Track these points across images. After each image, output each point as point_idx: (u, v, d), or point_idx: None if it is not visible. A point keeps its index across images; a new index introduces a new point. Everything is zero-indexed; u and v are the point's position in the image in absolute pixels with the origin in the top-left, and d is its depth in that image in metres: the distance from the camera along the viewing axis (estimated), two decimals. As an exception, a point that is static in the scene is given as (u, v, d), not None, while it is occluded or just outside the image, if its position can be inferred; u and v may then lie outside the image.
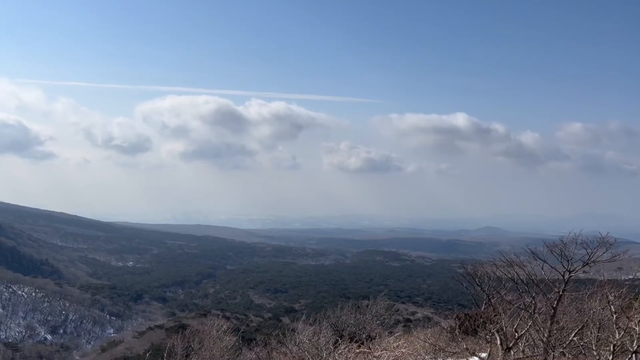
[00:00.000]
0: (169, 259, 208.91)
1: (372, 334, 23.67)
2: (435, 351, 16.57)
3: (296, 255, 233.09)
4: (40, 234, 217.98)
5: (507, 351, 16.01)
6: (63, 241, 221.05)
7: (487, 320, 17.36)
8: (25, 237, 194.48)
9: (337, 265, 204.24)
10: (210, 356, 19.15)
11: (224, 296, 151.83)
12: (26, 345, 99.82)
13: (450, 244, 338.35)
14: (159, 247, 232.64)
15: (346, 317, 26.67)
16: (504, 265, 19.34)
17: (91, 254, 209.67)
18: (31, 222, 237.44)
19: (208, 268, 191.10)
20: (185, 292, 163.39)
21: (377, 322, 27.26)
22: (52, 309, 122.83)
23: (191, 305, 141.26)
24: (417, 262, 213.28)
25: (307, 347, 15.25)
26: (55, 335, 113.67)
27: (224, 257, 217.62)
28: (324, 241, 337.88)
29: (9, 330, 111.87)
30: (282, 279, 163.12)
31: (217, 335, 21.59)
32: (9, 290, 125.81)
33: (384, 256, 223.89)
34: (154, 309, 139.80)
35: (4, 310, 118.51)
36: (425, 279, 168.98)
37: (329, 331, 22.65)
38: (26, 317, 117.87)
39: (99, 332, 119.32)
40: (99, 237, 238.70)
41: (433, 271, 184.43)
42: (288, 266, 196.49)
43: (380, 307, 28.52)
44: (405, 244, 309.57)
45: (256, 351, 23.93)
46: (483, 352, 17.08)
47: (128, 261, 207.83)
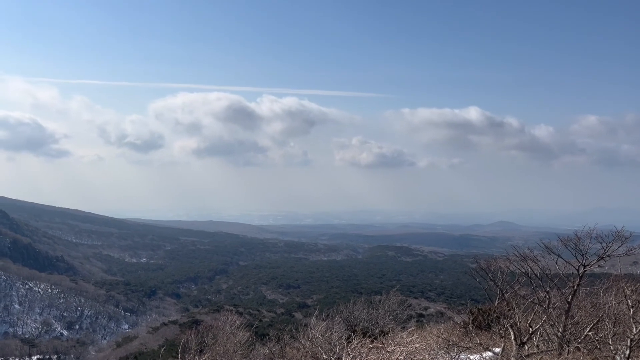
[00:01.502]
0: (182, 255, 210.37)
1: (384, 329, 23.65)
2: (449, 346, 16.52)
3: (308, 250, 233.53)
4: (55, 231, 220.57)
5: (521, 346, 15.91)
6: (78, 238, 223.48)
7: (500, 315, 17.25)
8: (40, 234, 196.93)
9: (349, 261, 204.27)
10: (224, 351, 19.25)
11: (236, 292, 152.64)
12: (43, 341, 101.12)
13: (463, 239, 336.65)
14: (172, 244, 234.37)
15: (359, 313, 26.69)
16: (518, 259, 19.20)
17: (105, 250, 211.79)
18: (47, 219, 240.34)
19: (221, 264, 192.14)
20: (199, 288, 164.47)
21: (390, 317, 27.25)
22: (67, 305, 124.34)
23: (204, 301, 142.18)
24: (430, 257, 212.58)
25: (320, 343, 15.28)
26: (71, 331, 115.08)
27: (236, 253, 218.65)
28: (335, 237, 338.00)
29: (26, 326, 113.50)
30: (295, 275, 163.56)
31: (230, 331, 21.70)
32: (26, 286, 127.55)
33: (396, 251, 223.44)
34: (167, 304, 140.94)
35: (21, 307, 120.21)
36: (437, 274, 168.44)
37: (342, 326, 22.69)
38: (42, 313, 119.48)
39: (114, 328, 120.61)
40: (112, 233, 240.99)
41: (446, 266, 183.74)
42: (300, 262, 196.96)
43: (392, 302, 28.50)
44: (417, 239, 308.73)
45: (269, 346, 24.01)
46: (497, 347, 16.99)
47: (142, 257, 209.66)
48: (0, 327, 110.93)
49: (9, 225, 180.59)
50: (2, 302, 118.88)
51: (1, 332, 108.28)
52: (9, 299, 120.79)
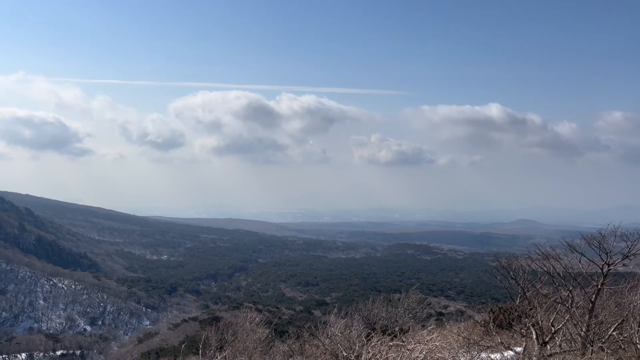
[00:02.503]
0: (202, 253, 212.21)
1: (404, 327, 23.55)
2: (469, 345, 16.37)
3: (327, 248, 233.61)
4: (78, 228, 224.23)
5: (543, 345, 15.70)
6: (100, 235, 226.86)
7: (522, 314, 17.05)
8: (64, 232, 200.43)
9: (367, 259, 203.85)
10: (243, 348, 19.38)
11: (256, 289, 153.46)
12: (66, 336, 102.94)
13: (483, 237, 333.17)
14: (192, 241, 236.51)
15: (378, 310, 26.58)
16: (540, 258, 18.95)
17: (127, 247, 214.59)
18: (70, 216, 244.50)
19: (240, 261, 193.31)
20: (218, 285, 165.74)
21: (409, 315, 27.10)
22: (90, 301, 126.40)
23: (224, 298, 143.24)
24: (449, 255, 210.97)
25: (340, 340, 15.28)
26: (94, 326, 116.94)
27: (255, 250, 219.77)
28: (354, 234, 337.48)
29: (50, 322, 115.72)
30: (313, 272, 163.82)
31: (250, 328, 21.83)
32: (50, 282, 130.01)
33: (415, 249, 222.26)
34: (188, 301, 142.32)
35: (45, 302, 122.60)
36: (457, 273, 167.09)
37: (361, 324, 22.66)
38: (66, 309, 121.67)
39: (135, 324, 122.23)
40: (134, 231, 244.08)
41: (465, 264, 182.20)
42: (319, 259, 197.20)
43: (412, 300, 28.32)
44: (437, 238, 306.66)
45: (289, 344, 24.12)
46: (518, 346, 16.79)
47: (162, 255, 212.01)
48: (26, 322, 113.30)
49: (33, 222, 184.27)
50: (27, 298, 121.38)
51: (26, 327, 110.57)
52: (34, 295, 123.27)
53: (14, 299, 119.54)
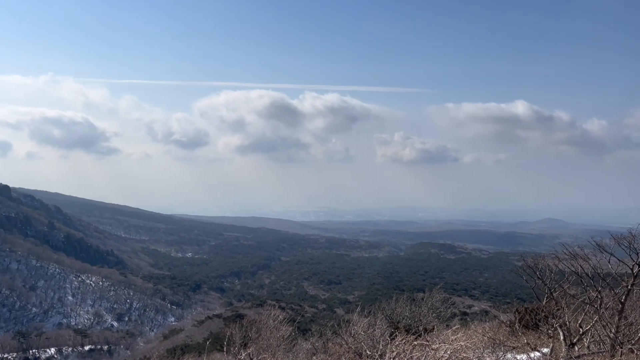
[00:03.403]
0: (226, 250, 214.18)
1: (428, 326, 23.38)
2: (494, 345, 16.17)
3: (349, 247, 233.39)
4: (105, 226, 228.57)
5: (571, 347, 15.42)
6: (126, 233, 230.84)
7: (549, 314, 16.76)
8: (92, 229, 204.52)
9: (391, 258, 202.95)
10: (267, 345, 19.51)
11: (279, 287, 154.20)
12: (94, 332, 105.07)
13: (509, 236, 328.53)
14: (216, 239, 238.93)
15: (401, 310, 26.43)
16: (567, 258, 18.60)
17: (152, 245, 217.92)
18: (97, 214, 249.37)
19: (263, 259, 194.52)
20: (242, 282, 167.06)
21: (433, 314, 26.88)
22: (117, 297, 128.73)
23: (247, 296, 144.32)
24: (474, 254, 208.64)
25: (363, 339, 15.25)
26: (121, 322, 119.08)
27: (278, 248, 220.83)
28: (377, 233, 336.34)
29: (79, 317, 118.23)
30: (336, 271, 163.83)
31: (273, 325, 21.95)
32: (78, 279, 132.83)
33: (439, 249, 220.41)
34: (212, 298, 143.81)
35: (74, 298, 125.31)
36: (482, 272, 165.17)
37: (384, 323, 22.56)
38: (94, 305, 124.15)
39: (160, 320, 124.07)
40: (159, 229, 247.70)
41: (490, 264, 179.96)
42: (341, 258, 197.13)
43: (436, 299, 28.07)
44: (461, 237, 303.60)
45: (312, 341, 24.18)
46: (545, 347, 16.52)
47: (187, 252, 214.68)
48: (55, 317, 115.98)
49: (62, 220, 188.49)
50: (56, 294, 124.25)
51: (56, 322, 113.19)
52: (63, 291, 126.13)
53: (44, 294, 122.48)
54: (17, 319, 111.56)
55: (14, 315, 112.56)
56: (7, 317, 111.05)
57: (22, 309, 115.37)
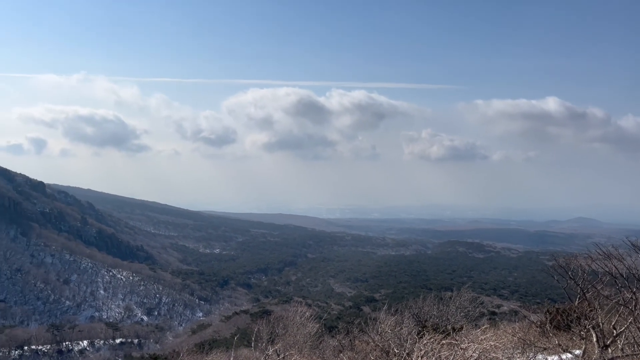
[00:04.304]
0: (253, 247, 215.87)
1: (455, 326, 23.14)
2: (525, 346, 15.90)
3: (376, 245, 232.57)
4: (135, 222, 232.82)
5: (604, 349, 15.05)
6: (156, 229, 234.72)
7: (581, 315, 16.39)
8: (122, 225, 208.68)
9: (417, 256, 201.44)
10: (294, 342, 19.62)
11: (305, 284, 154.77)
12: (125, 325, 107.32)
13: (539, 236, 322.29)
14: (243, 235, 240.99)
15: (429, 308, 26.22)
16: (600, 258, 18.13)
17: (181, 241, 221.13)
18: (128, 210, 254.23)
19: (290, 256, 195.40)
20: (269, 279, 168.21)
21: (461, 314, 26.60)
22: (147, 292, 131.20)
23: (274, 292, 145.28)
24: (503, 253, 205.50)
25: (390, 337, 15.19)
26: (150, 316, 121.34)
27: (304, 245, 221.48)
28: (404, 231, 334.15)
29: (110, 311, 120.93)
30: (362, 269, 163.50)
31: (300, 322, 22.05)
32: (110, 273, 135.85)
33: (467, 247, 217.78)
34: (239, 294, 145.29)
35: (106, 292, 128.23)
36: (511, 271, 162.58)
37: (411, 322, 22.41)
38: (125, 299, 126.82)
39: (189, 315, 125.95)
40: (188, 225, 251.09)
41: (520, 263, 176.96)
42: (368, 256, 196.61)
43: (464, 299, 27.76)
44: (489, 235, 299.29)
45: (338, 339, 24.20)
46: (577, 348, 16.17)
47: (215, 248, 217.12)
48: (87, 311, 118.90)
49: (94, 216, 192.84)
50: (89, 288, 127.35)
51: (88, 315, 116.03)
52: (95, 285, 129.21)
53: (77, 288, 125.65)
54: (51, 311, 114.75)
55: (48, 308, 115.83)
56: (41, 309, 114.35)
57: (56, 302, 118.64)
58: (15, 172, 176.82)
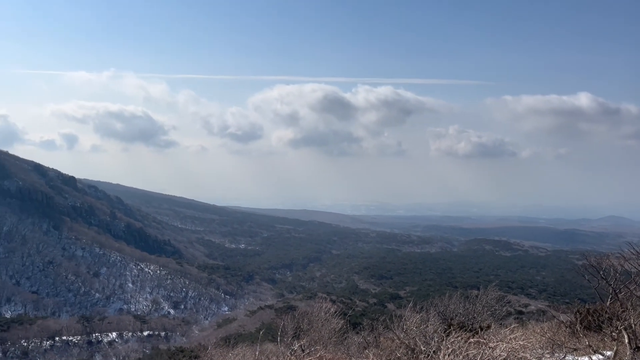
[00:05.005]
0: (278, 242, 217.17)
1: (482, 324, 22.84)
2: (554, 346, 15.59)
3: (401, 242, 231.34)
4: (163, 216, 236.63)
5: (636, 351, 14.65)
6: (183, 224, 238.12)
7: (613, 316, 15.99)
8: (150, 219, 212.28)
9: (443, 254, 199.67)
10: (319, 337, 19.65)
11: (329, 280, 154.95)
12: (152, 318, 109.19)
13: (568, 234, 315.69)
14: (268, 231, 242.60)
15: (455, 306, 25.92)
16: (634, 257, 17.68)
17: (207, 236, 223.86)
18: (156, 205, 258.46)
19: (314, 252, 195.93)
20: (293, 274, 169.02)
21: (488, 312, 26.22)
22: (174, 286, 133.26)
23: (298, 288, 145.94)
24: (531, 252, 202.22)
25: (415, 334, 15.08)
26: (177, 310, 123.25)
27: (329, 241, 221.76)
28: (429, 228, 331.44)
29: (138, 304, 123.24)
30: (387, 265, 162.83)
31: (325, 318, 22.06)
32: (138, 267, 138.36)
33: (494, 245, 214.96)
34: (264, 289, 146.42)
35: (134, 286, 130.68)
36: (539, 270, 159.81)
37: (437, 319, 22.20)
38: (152, 293, 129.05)
39: (214, 309, 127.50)
40: (214, 220, 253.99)
41: (548, 262, 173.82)
42: (392, 253, 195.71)
43: (490, 297, 27.35)
44: (517, 233, 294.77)
45: (363, 335, 24.15)
46: (608, 350, 15.78)
47: (240, 243, 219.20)
48: (116, 303, 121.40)
49: (123, 210, 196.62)
50: (117, 281, 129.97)
51: (117, 308, 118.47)
52: (123, 278, 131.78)
53: (106, 281, 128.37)
54: (82, 303, 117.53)
55: (78, 300, 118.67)
56: (72, 301, 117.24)
57: (86, 294, 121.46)
58: (47, 167, 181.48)
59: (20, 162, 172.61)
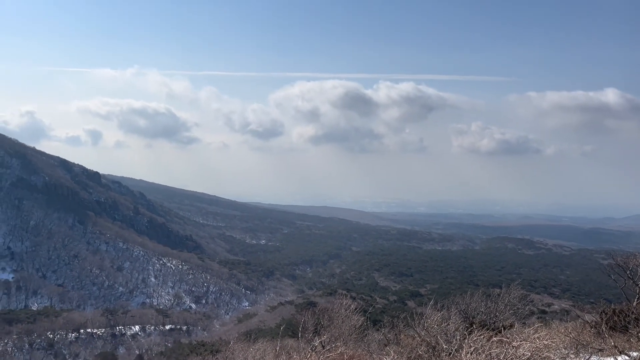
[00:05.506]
0: (298, 239, 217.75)
1: (504, 323, 22.57)
2: (578, 346, 15.33)
3: (421, 239, 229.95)
4: (185, 212, 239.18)
5: (664, 353, 14.31)
6: (204, 219, 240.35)
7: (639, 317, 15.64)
8: (173, 215, 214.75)
9: (465, 252, 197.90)
10: (339, 334, 19.66)
11: (349, 277, 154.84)
12: (174, 312, 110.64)
13: (593, 233, 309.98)
14: (288, 227, 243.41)
15: (476, 305, 25.65)
16: (662, 257, 17.25)
17: (228, 231, 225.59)
18: (178, 201, 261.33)
19: (334, 249, 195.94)
20: (313, 270, 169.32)
21: (510, 311, 25.89)
22: (195, 280, 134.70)
23: (318, 284, 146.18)
24: (554, 250, 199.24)
25: (437, 332, 14.98)
26: (198, 304, 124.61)
27: (349, 238, 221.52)
28: (451, 226, 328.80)
29: (160, 298, 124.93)
30: (407, 263, 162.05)
31: (345, 314, 22.04)
32: (160, 262, 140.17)
33: (516, 243, 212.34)
34: (284, 285, 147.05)
35: (156, 280, 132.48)
36: (563, 269, 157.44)
37: (458, 318, 22.00)
38: (174, 287, 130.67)
39: (235, 304, 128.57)
40: (235, 216, 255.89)
41: (572, 261, 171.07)
42: (413, 250, 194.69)
43: (513, 296, 27.00)
44: (540, 232, 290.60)
45: (384, 332, 24.08)
46: (634, 351, 15.45)
47: (261, 239, 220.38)
48: (139, 297, 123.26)
49: (146, 205, 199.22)
50: (140, 275, 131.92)
51: (140, 302, 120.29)
52: (146, 273, 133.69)
53: (129, 275, 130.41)
54: (106, 297, 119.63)
55: (102, 293, 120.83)
56: (97, 295, 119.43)
57: (110, 287, 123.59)
58: (73, 163, 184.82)
59: (47, 158, 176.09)
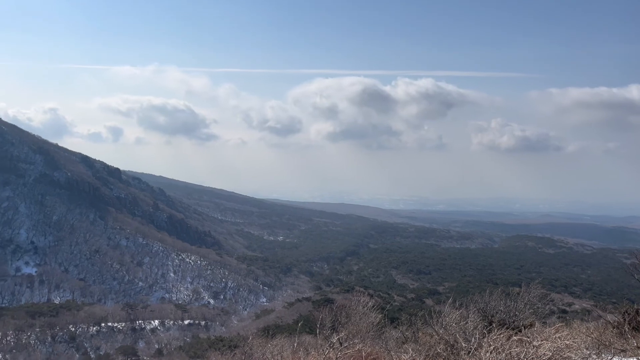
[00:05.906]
0: (316, 235, 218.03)
1: (524, 322, 22.29)
2: (600, 347, 15.05)
3: (440, 237, 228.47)
4: (203, 208, 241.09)
5: (690, 354, 13.99)
6: (223, 215, 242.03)
7: (664, 318, 15.30)
8: (191, 211, 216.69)
9: (484, 250, 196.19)
10: (357, 331, 19.61)
11: (367, 274, 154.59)
12: (193, 307, 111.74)
13: (616, 232, 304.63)
14: (306, 224, 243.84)
15: (495, 303, 25.38)
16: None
17: (246, 227, 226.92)
18: (196, 197, 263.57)
19: (352, 246, 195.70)
20: (330, 267, 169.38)
21: (530, 311, 25.57)
22: (214, 276, 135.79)
23: (336, 281, 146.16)
24: (575, 249, 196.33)
25: (455, 330, 14.85)
26: (216, 300, 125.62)
27: (367, 235, 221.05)
28: (469, 224, 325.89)
29: (179, 293, 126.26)
30: (425, 261, 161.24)
31: (363, 312, 21.98)
32: (179, 257, 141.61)
33: (536, 242, 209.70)
34: (301, 281, 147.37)
35: (175, 275, 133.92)
36: (584, 269, 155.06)
37: (477, 316, 21.78)
38: (193, 282, 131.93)
39: (253, 300, 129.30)
40: (253, 212, 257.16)
41: (594, 260, 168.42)
42: (431, 248, 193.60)
43: (533, 295, 26.66)
44: (561, 230, 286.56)
45: (401, 330, 23.94)
46: (659, 352, 15.11)
47: (278, 236, 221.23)
48: (158, 292, 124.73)
49: (166, 201, 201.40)
50: (160, 270, 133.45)
51: (159, 297, 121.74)
52: (165, 268, 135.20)
53: (149, 270, 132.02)
54: (126, 291, 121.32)
55: (123, 288, 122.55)
56: (117, 289, 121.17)
57: (130, 282, 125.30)
58: (94, 159, 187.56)
59: (69, 154, 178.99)
